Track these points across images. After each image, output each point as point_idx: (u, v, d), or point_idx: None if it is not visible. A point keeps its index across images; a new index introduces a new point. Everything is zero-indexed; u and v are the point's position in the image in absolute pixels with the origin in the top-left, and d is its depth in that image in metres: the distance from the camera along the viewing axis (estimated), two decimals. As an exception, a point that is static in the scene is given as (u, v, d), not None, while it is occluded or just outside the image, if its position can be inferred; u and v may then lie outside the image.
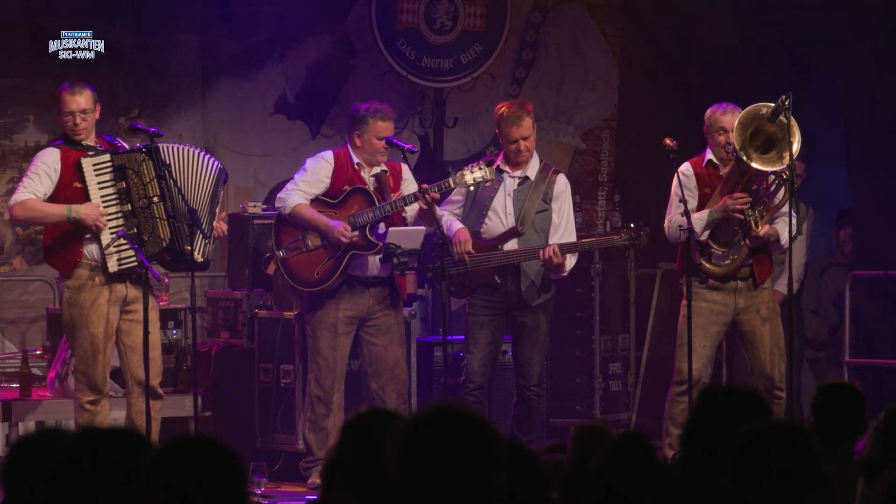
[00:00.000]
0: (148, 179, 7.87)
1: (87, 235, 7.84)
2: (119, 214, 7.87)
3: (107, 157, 7.87)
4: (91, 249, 7.87)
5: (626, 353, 10.42)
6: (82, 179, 7.80)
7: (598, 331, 10.20)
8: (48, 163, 7.83)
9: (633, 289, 10.50)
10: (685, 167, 8.32)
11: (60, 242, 7.87)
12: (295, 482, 8.66)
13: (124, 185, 7.87)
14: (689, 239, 8.08)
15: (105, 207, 7.84)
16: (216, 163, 8.12)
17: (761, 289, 8.34)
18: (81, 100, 7.87)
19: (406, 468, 3.13)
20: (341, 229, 8.33)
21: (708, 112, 8.34)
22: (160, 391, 8.07)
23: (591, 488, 3.38)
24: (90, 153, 7.87)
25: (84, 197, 7.81)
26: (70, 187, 7.82)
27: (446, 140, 10.84)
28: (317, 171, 8.50)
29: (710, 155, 8.33)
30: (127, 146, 8.05)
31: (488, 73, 10.76)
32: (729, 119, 8.21)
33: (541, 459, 4.72)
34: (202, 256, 7.97)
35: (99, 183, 7.85)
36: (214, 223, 8.04)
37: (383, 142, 8.45)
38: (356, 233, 8.37)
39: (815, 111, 10.38)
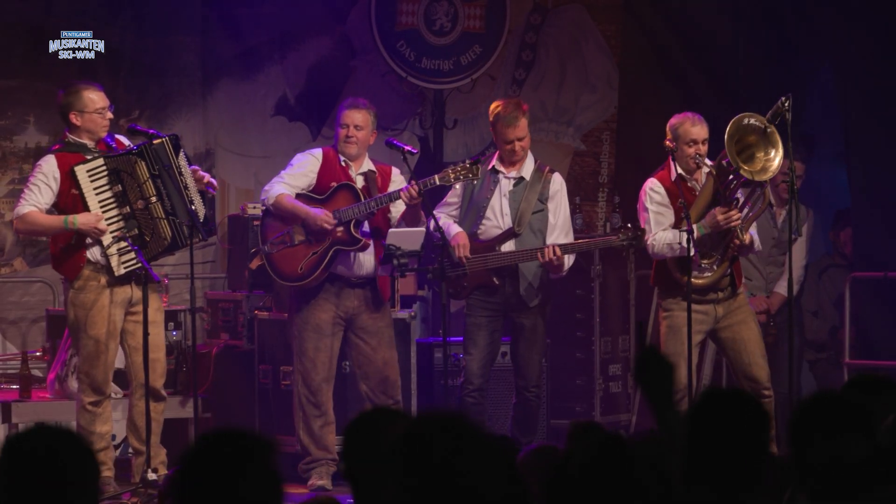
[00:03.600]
0: (143, 180, 7.88)
1: (89, 240, 7.85)
2: (119, 217, 7.88)
3: (100, 161, 7.88)
4: (94, 252, 7.89)
5: (626, 355, 10.42)
6: (77, 187, 7.81)
7: (598, 332, 10.20)
8: (46, 172, 7.86)
9: (633, 290, 10.49)
10: (654, 183, 8.25)
11: (64, 249, 7.89)
12: (295, 483, 8.66)
13: (120, 188, 7.88)
14: (689, 240, 8.04)
15: (104, 211, 7.84)
16: (157, 146, 8.02)
17: (737, 294, 8.32)
18: (105, 96, 7.93)
19: (407, 476, 3.13)
20: (324, 217, 8.32)
21: (674, 122, 8.23)
22: (163, 393, 8.06)
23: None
24: (88, 157, 7.87)
25: (82, 203, 7.82)
26: (69, 194, 7.84)
27: (446, 141, 10.84)
28: (303, 165, 8.52)
29: (677, 168, 8.24)
30: (128, 143, 8.04)
31: (488, 74, 10.76)
32: (698, 130, 8.14)
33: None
34: (198, 237, 7.97)
35: (95, 188, 7.86)
36: (190, 191, 7.96)
37: (348, 129, 8.45)
38: (341, 228, 8.37)
39: (814, 112, 10.39)
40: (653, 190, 8.21)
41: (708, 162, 8.14)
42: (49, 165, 7.88)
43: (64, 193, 7.85)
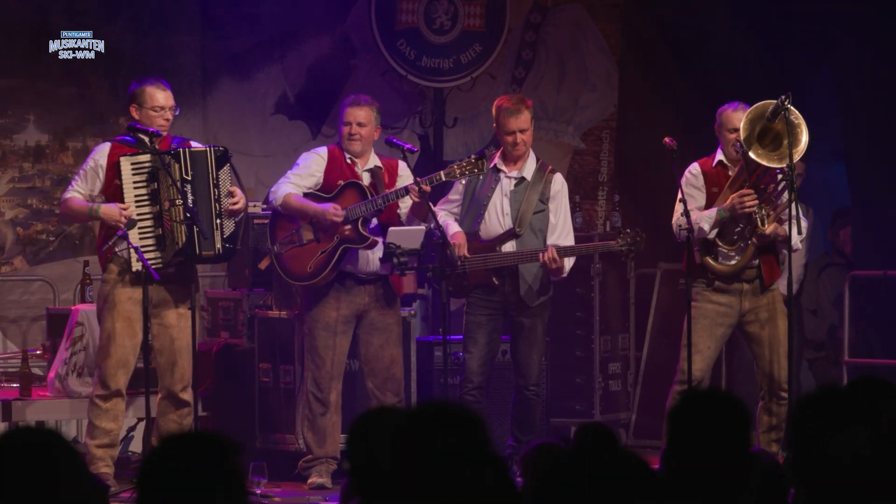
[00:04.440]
0: (170, 182, 7.88)
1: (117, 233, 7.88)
2: (150, 215, 7.90)
3: (146, 157, 7.91)
4: (122, 247, 7.91)
5: (626, 353, 10.43)
6: (119, 178, 7.86)
7: (598, 331, 10.21)
8: (96, 159, 7.98)
9: (632, 289, 10.50)
10: (694, 166, 8.34)
11: (103, 239, 7.96)
12: (295, 482, 8.66)
13: (156, 187, 7.90)
14: (689, 239, 8.08)
15: (137, 207, 7.87)
16: (197, 152, 8.04)
17: (768, 290, 8.35)
18: (171, 96, 8.00)
19: (398, 465, 3.14)
20: (332, 210, 8.33)
21: (719, 111, 8.34)
22: (183, 398, 8.03)
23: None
24: (139, 151, 7.90)
25: (121, 195, 7.87)
26: (112, 184, 7.92)
27: (446, 140, 10.85)
28: (308, 165, 8.52)
29: (720, 155, 8.33)
30: (199, 146, 8.05)
31: (488, 73, 10.76)
32: (739, 117, 8.22)
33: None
34: (212, 250, 7.95)
35: (135, 183, 7.91)
36: (221, 206, 7.98)
37: (351, 126, 8.45)
38: (349, 226, 8.37)
39: (814, 110, 10.38)
40: (690, 173, 8.28)
41: None
42: (100, 153, 7.99)
43: (108, 182, 7.93)
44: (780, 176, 8.17)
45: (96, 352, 8.09)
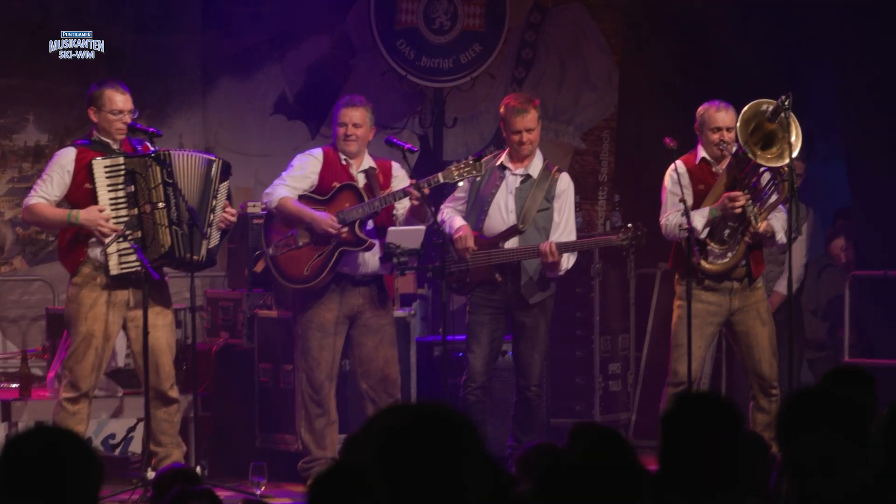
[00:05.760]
0: (153, 185, 7.87)
1: (93, 238, 7.84)
2: (126, 218, 7.88)
3: (120, 160, 7.88)
4: (95, 249, 7.88)
5: (626, 353, 10.42)
6: (92, 181, 7.82)
7: (598, 331, 10.20)
8: (62, 164, 7.88)
9: (633, 289, 10.50)
10: (679, 164, 8.32)
11: (70, 242, 7.92)
12: (295, 482, 8.66)
13: (133, 189, 7.87)
14: (689, 238, 8.07)
15: (113, 210, 7.84)
16: (203, 159, 8.09)
17: (754, 288, 8.34)
18: (130, 99, 7.95)
19: (385, 470, 3.13)
20: (329, 221, 8.31)
21: (700, 110, 8.35)
22: (170, 395, 8.02)
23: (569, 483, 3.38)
24: (107, 154, 7.88)
25: (93, 198, 7.82)
26: (81, 188, 7.85)
27: (446, 140, 10.84)
28: (303, 167, 8.50)
29: (702, 152, 8.33)
30: (155, 148, 8.04)
31: (488, 73, 10.76)
32: (723, 117, 8.22)
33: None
34: (198, 255, 7.96)
35: (109, 185, 7.86)
36: (215, 216, 8.02)
37: (347, 127, 8.43)
38: (345, 228, 8.35)
39: (815, 111, 10.39)
40: (675, 171, 8.25)
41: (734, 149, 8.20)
42: (66, 157, 7.91)
43: (76, 186, 7.86)
44: (767, 174, 8.16)
45: (70, 354, 8.01)
